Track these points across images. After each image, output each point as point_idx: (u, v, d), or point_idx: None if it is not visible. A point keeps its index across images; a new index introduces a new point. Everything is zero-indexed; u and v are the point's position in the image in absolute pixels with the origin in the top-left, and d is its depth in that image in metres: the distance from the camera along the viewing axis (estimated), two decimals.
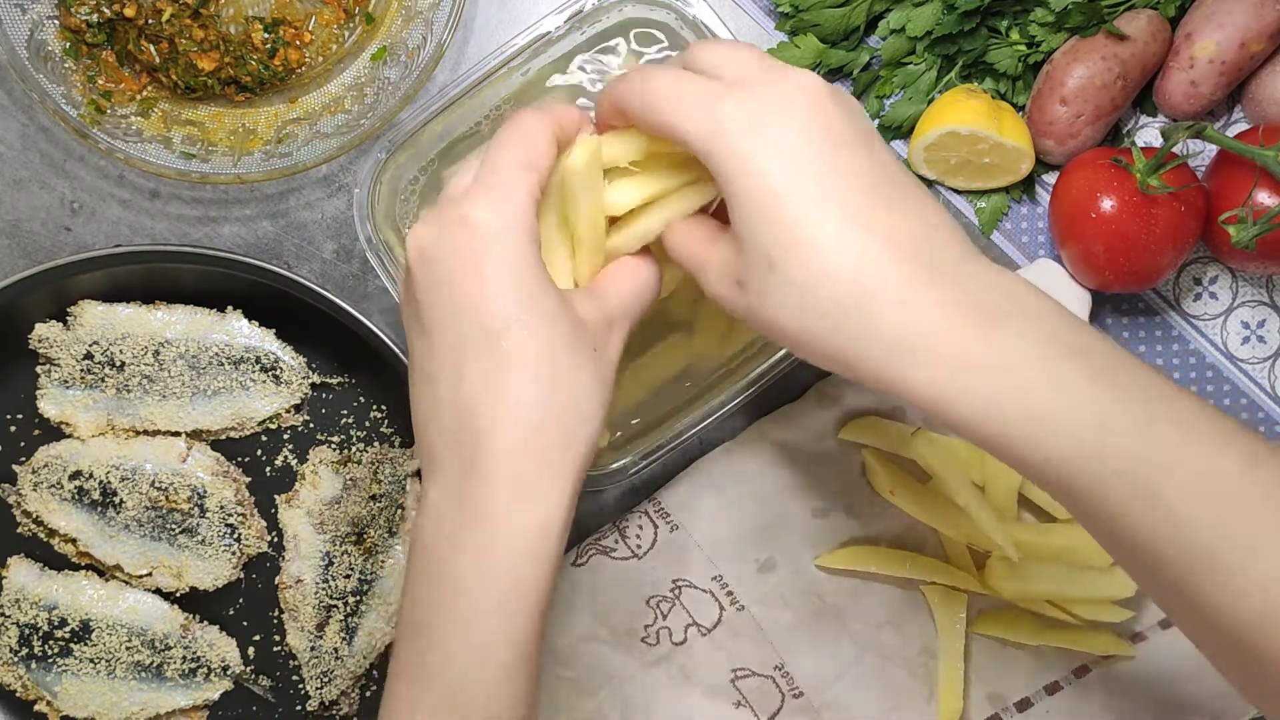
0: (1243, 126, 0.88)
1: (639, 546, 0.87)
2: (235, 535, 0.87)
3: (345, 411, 0.89)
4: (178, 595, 0.88)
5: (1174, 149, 0.81)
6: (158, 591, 0.87)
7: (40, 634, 0.86)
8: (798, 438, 0.87)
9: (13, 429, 0.88)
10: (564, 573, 0.87)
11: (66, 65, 0.85)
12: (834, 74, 0.88)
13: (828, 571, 0.87)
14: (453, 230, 0.61)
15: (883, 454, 0.87)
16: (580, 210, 0.66)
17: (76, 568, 0.87)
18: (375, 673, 0.89)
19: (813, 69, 0.87)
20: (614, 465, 0.82)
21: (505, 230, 0.60)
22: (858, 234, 0.57)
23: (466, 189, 0.62)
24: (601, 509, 0.89)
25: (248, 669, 0.89)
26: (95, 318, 0.86)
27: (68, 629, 0.86)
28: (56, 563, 0.88)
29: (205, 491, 0.87)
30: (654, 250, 0.69)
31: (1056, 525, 0.86)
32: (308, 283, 0.85)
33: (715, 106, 0.60)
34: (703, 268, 0.64)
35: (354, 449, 0.88)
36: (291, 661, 0.89)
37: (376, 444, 0.88)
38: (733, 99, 0.60)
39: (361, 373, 0.88)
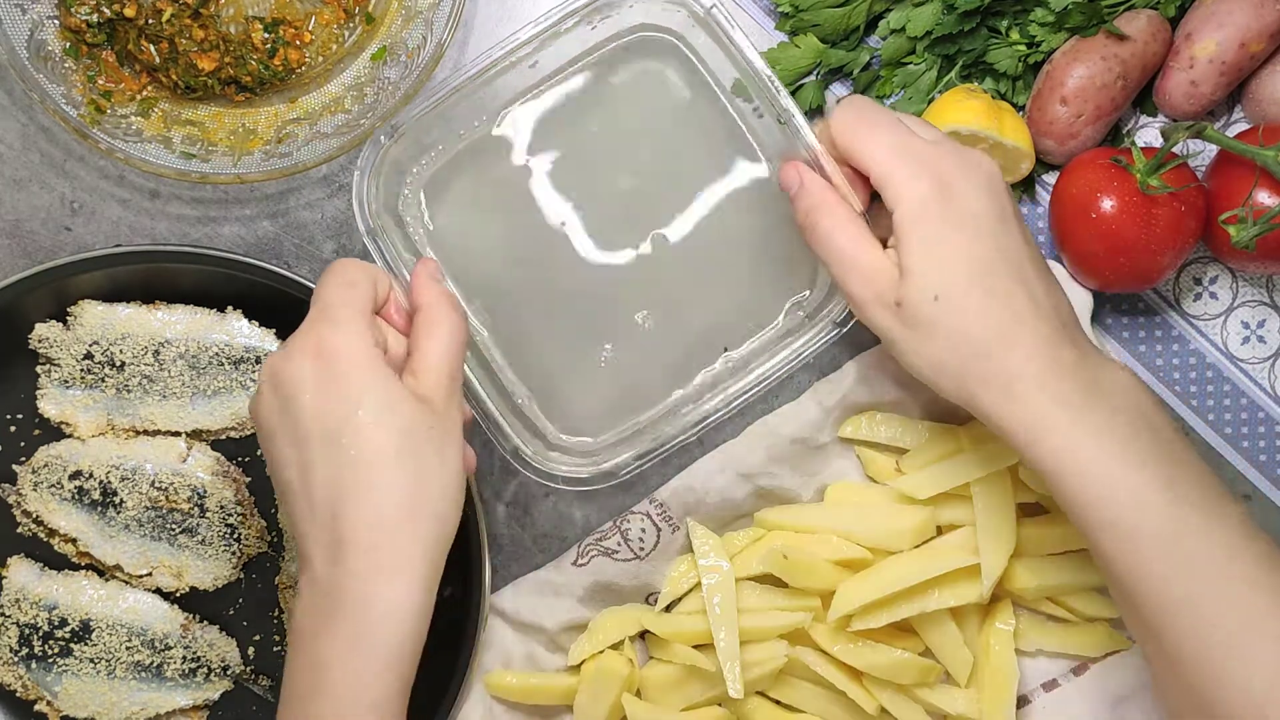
0: (1243, 126, 0.88)
1: (641, 548, 0.87)
2: (235, 535, 0.87)
3: None
4: (178, 595, 0.88)
5: (1174, 149, 0.81)
6: (158, 591, 0.87)
7: (40, 634, 0.86)
8: (798, 436, 0.87)
9: (13, 429, 0.88)
10: (564, 572, 0.87)
11: (66, 65, 0.85)
12: (834, 74, 0.88)
13: None
14: (304, 350, 0.68)
15: (882, 450, 0.87)
16: None
17: (76, 568, 0.87)
18: None
19: (813, 69, 0.87)
20: (614, 465, 0.82)
21: (347, 340, 0.68)
22: (1015, 288, 0.70)
23: (305, 324, 0.70)
24: (602, 509, 0.89)
25: (248, 669, 0.89)
26: (95, 318, 0.86)
27: (68, 629, 0.86)
28: (56, 563, 0.87)
29: (205, 491, 0.86)
30: None
31: (1056, 515, 0.86)
32: (308, 283, 0.85)
33: (910, 144, 0.72)
34: (851, 268, 0.73)
35: None
36: None
37: None
38: (922, 146, 0.72)
39: None
